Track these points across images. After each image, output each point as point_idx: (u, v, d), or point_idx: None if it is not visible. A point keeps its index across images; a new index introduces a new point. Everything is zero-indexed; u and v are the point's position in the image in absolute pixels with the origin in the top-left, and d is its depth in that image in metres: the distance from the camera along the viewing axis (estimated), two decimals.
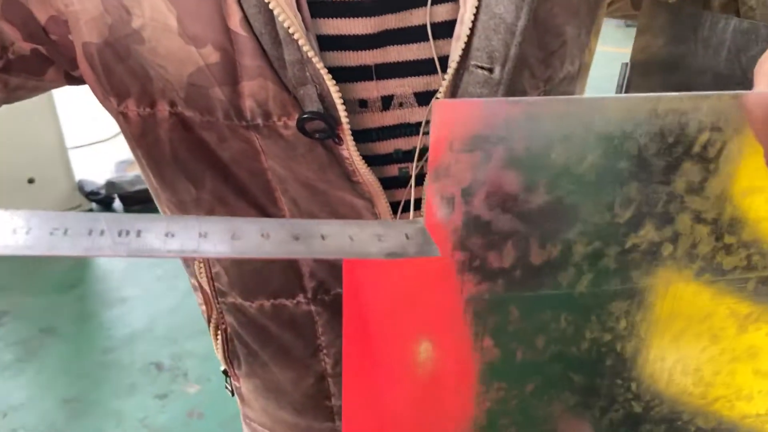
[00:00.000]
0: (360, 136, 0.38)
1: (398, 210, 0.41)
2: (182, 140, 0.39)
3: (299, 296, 0.44)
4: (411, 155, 0.40)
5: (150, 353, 1.85)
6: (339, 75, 0.35)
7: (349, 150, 0.37)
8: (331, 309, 0.44)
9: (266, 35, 0.34)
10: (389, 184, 0.40)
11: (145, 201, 2.66)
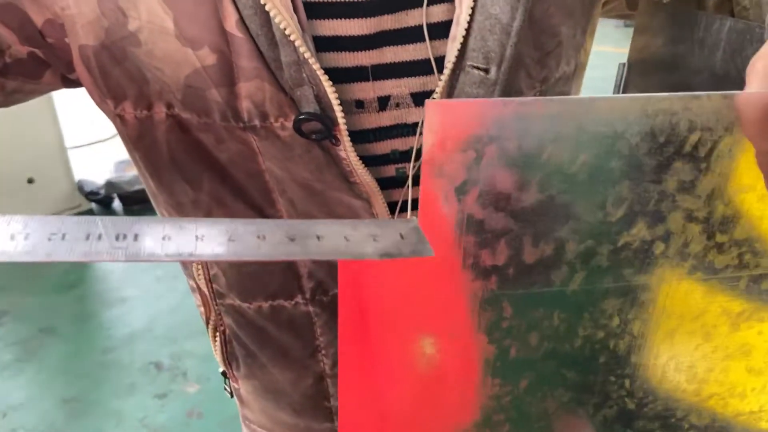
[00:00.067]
0: (357, 137, 0.38)
1: (396, 210, 0.41)
2: (179, 142, 0.39)
3: (297, 297, 0.44)
4: (408, 155, 0.40)
5: (149, 353, 1.86)
6: (335, 76, 0.36)
7: (346, 150, 0.37)
8: (330, 309, 0.44)
9: (262, 37, 0.34)
10: (387, 185, 0.40)
11: (145, 201, 2.66)
